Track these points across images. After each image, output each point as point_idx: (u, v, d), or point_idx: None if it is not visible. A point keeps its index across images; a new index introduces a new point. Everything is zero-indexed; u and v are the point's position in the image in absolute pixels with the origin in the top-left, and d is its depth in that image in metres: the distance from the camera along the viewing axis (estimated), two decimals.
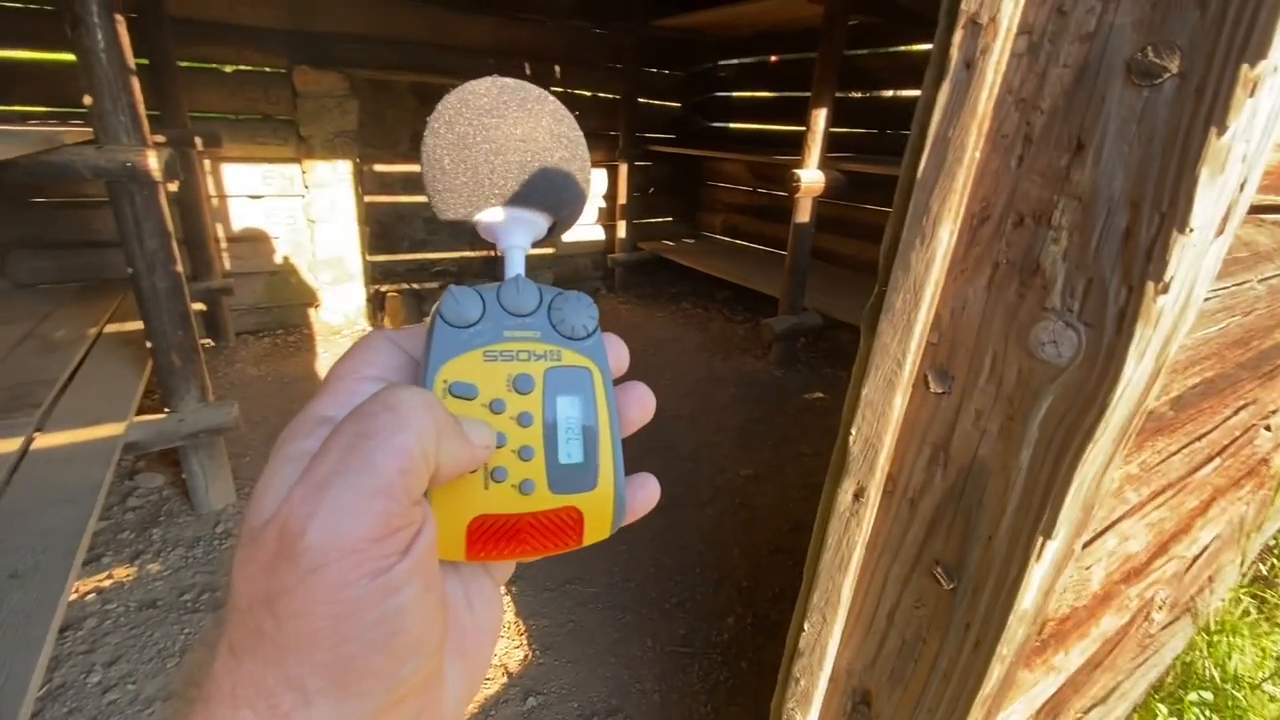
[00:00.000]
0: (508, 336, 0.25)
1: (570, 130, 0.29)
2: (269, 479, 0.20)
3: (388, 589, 0.19)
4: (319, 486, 0.19)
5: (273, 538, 0.19)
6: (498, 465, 0.23)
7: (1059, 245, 0.53)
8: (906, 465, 0.68)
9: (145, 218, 1.78)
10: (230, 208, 3.51)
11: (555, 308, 0.26)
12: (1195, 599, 1.55)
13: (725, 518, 2.36)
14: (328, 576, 0.18)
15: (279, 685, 0.18)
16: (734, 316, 4.50)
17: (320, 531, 0.18)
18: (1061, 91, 0.52)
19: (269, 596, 0.18)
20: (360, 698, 0.19)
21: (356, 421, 0.20)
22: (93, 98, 1.67)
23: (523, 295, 0.25)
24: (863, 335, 0.69)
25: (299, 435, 0.21)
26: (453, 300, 0.24)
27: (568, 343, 0.26)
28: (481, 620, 0.26)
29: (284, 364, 3.41)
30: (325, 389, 0.23)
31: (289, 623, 0.18)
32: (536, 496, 0.24)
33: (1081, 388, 0.53)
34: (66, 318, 2.58)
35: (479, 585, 0.26)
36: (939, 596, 0.68)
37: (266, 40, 3.36)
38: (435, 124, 0.27)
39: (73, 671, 1.57)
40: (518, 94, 0.28)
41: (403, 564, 0.19)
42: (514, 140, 0.27)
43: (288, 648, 0.18)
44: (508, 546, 0.24)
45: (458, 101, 0.27)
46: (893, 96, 3.91)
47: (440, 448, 0.20)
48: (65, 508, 1.48)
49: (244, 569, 0.19)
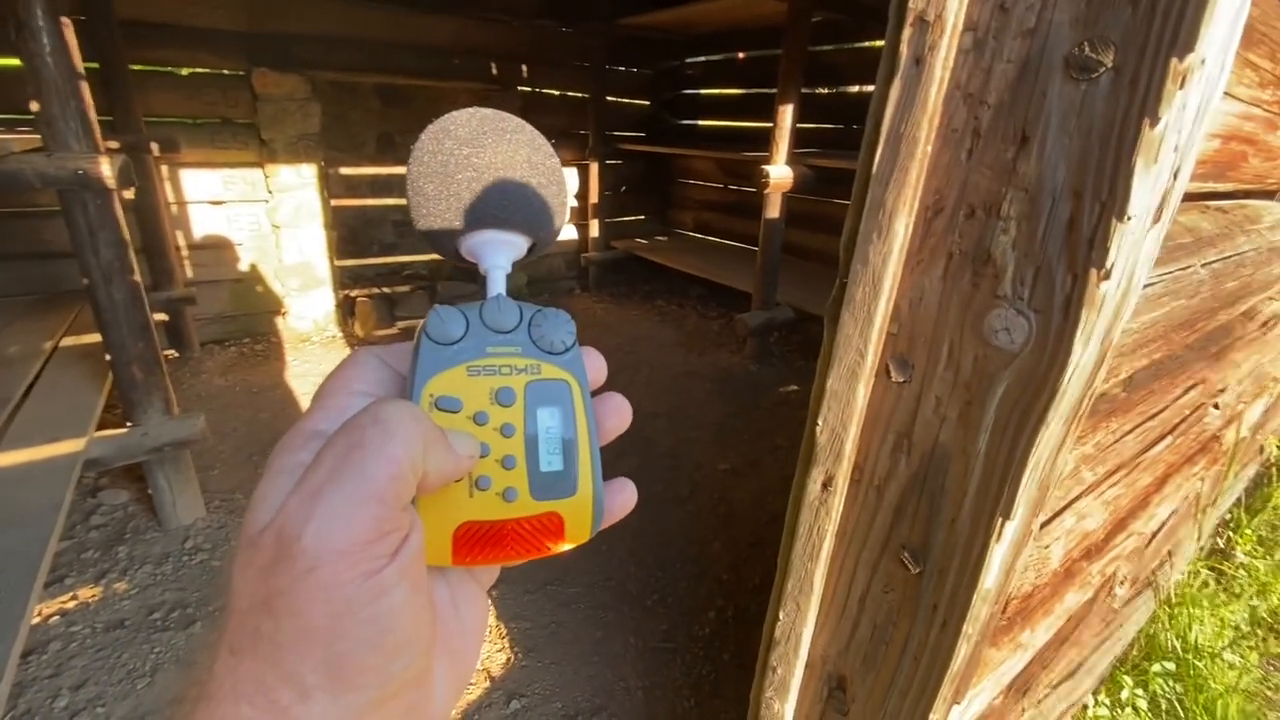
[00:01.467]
0: (490, 352, 0.26)
1: (546, 158, 0.30)
2: (265, 490, 0.21)
3: (379, 589, 0.20)
4: (313, 494, 0.20)
5: (270, 542, 0.20)
6: (482, 474, 0.25)
7: (1008, 235, 0.55)
8: (872, 453, 0.70)
9: (100, 227, 1.73)
10: (191, 214, 3.41)
11: (535, 324, 0.27)
12: (1155, 573, 1.60)
13: (704, 513, 2.38)
14: (322, 577, 0.19)
15: (278, 681, 0.19)
16: (708, 312, 4.53)
17: (315, 535, 0.19)
18: (1006, 86, 0.54)
19: (267, 597, 0.19)
20: (355, 692, 0.20)
21: (348, 433, 0.21)
22: (40, 104, 1.62)
23: (504, 313, 0.27)
24: (826, 328, 0.70)
25: (292, 449, 0.22)
26: (438, 319, 0.26)
27: (547, 357, 0.27)
28: (467, 622, 0.27)
29: (252, 373, 3.33)
30: (315, 405, 0.24)
31: (286, 621, 0.19)
32: (519, 503, 0.25)
33: (1033, 372, 0.55)
34: (20, 332, 2.49)
35: (465, 589, 0.27)
36: (907, 580, 0.69)
37: (223, 42, 3.28)
38: (418, 153, 0.29)
39: (38, 697, 1.52)
40: (496, 124, 0.29)
41: (392, 566, 0.20)
42: (493, 168, 0.29)
43: (286, 645, 0.19)
44: (492, 551, 0.25)
45: (439, 131, 0.29)
46: (858, 92, 3.97)
47: (427, 457, 0.22)
48: (24, 529, 1.43)
49: (243, 572, 0.20)
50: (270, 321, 3.79)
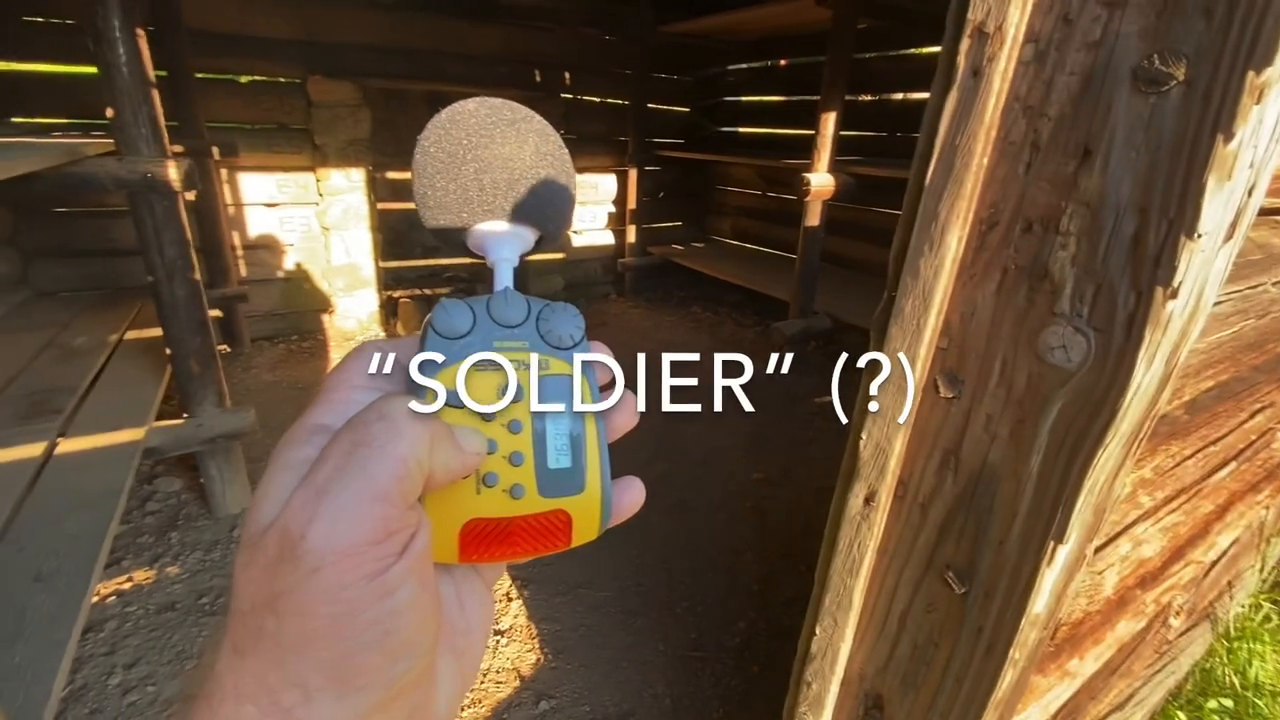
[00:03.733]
0: (497, 346, 0.26)
1: (555, 148, 0.30)
2: (267, 486, 0.21)
3: (384, 590, 0.20)
4: (318, 492, 0.19)
5: (274, 541, 0.19)
6: (489, 471, 0.24)
7: (1067, 251, 0.54)
8: (917, 470, 0.68)
9: (165, 227, 1.82)
10: (246, 216, 3.56)
11: (543, 318, 0.27)
12: (1214, 605, 1.53)
13: (736, 522, 2.36)
14: (327, 577, 0.19)
15: (281, 682, 0.19)
16: (744, 320, 4.50)
17: (320, 535, 0.19)
18: (1068, 99, 0.53)
19: (271, 597, 0.19)
20: (358, 694, 0.20)
21: (353, 430, 0.21)
22: (115, 110, 1.71)
23: (511, 307, 0.26)
24: (872, 340, 0.69)
25: (296, 443, 0.22)
26: (444, 312, 0.25)
27: (555, 352, 0.26)
28: (473, 619, 0.27)
29: (299, 370, 3.45)
30: (319, 399, 0.24)
31: (290, 622, 0.19)
32: (527, 500, 0.25)
33: (1091, 392, 0.53)
34: (87, 325, 2.63)
35: (470, 586, 0.27)
36: (950, 600, 0.68)
37: (281, 51, 3.42)
38: (425, 142, 0.28)
39: (94, 673, 1.60)
40: (504, 114, 0.29)
41: (399, 565, 0.20)
42: (501, 158, 0.28)
43: (289, 646, 0.19)
44: (499, 549, 0.25)
45: (447, 121, 0.28)
46: (902, 100, 3.90)
47: (434, 454, 0.21)
48: (87, 512, 1.51)
49: (245, 571, 0.20)
50: (317, 320, 3.92)
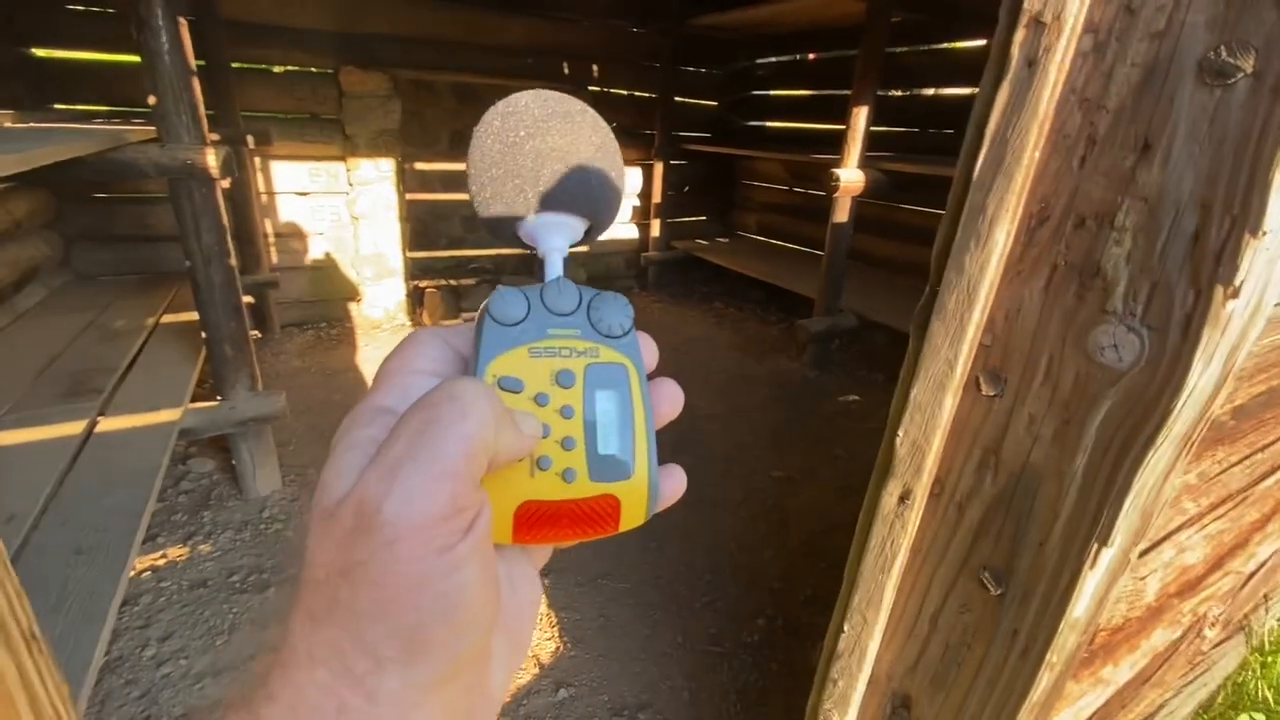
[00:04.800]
0: (550, 334, 0.26)
1: (608, 140, 0.30)
2: (337, 464, 0.22)
3: (452, 565, 0.20)
4: (391, 468, 0.20)
5: (350, 513, 0.20)
6: (543, 454, 0.25)
7: (1122, 247, 0.52)
8: (955, 468, 0.67)
9: (203, 213, 1.86)
10: (278, 204, 3.62)
11: (594, 308, 0.27)
12: (1249, 617, 1.49)
13: (757, 519, 2.35)
14: (401, 550, 0.19)
15: (354, 649, 0.20)
16: (767, 317, 4.47)
17: (395, 508, 0.19)
18: (1129, 91, 0.51)
19: (346, 567, 0.20)
20: (425, 666, 0.20)
21: (423, 410, 0.21)
22: (157, 98, 1.75)
23: (564, 295, 0.27)
24: (912, 336, 0.68)
25: (361, 424, 0.23)
26: (500, 300, 0.26)
27: (605, 340, 0.27)
28: (523, 601, 0.27)
29: (326, 356, 3.51)
30: (381, 382, 0.24)
31: (365, 590, 0.20)
32: (578, 484, 0.25)
33: (1143, 393, 0.52)
34: (126, 308, 2.70)
35: (520, 568, 0.28)
36: (986, 602, 0.67)
37: (314, 41, 3.46)
38: (481, 133, 0.29)
39: (129, 645, 1.65)
40: (560, 106, 0.29)
41: (465, 542, 0.20)
42: (556, 150, 0.29)
43: (363, 614, 0.20)
44: (551, 531, 0.25)
45: (503, 112, 0.29)
46: (934, 95, 3.83)
47: (497, 436, 0.22)
48: (126, 489, 1.56)
49: (321, 543, 0.21)
50: (345, 308, 3.98)
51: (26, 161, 1.21)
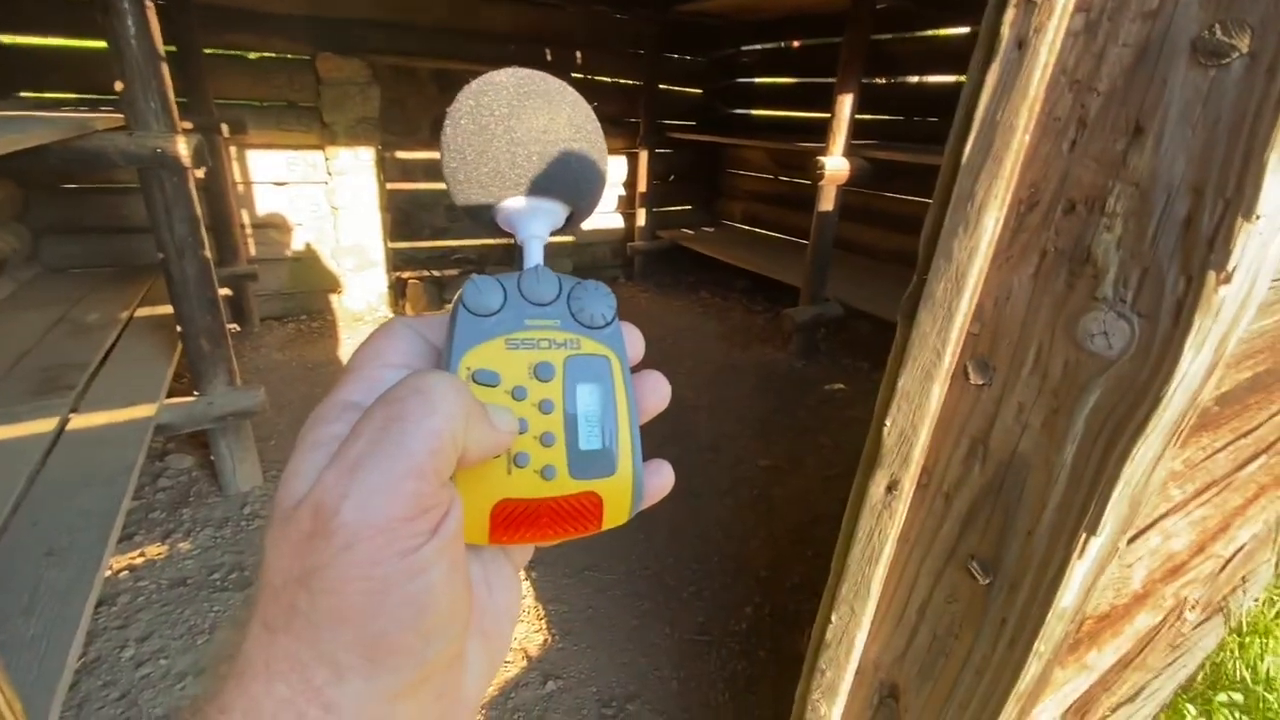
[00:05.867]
0: (529, 325, 0.25)
1: (588, 121, 0.29)
2: (298, 463, 0.21)
3: (417, 568, 0.19)
4: (351, 467, 0.19)
5: (307, 516, 0.19)
6: (520, 451, 0.24)
7: (1113, 233, 0.52)
8: (942, 458, 0.67)
9: (175, 203, 1.80)
10: (255, 194, 3.54)
11: (575, 297, 0.26)
12: (1228, 599, 1.51)
13: (744, 509, 2.36)
14: (360, 554, 0.18)
15: (313, 660, 0.19)
16: (753, 306, 4.47)
17: (354, 510, 0.18)
18: (1120, 72, 0.50)
19: (303, 574, 0.19)
20: (390, 674, 0.19)
21: (387, 405, 0.20)
22: (124, 84, 1.69)
23: (543, 284, 0.26)
24: (899, 325, 0.67)
25: (325, 420, 0.22)
26: (475, 289, 0.25)
27: (587, 331, 0.26)
28: (501, 602, 0.26)
29: (308, 349, 3.45)
30: (348, 375, 0.23)
31: (323, 599, 0.19)
32: (558, 482, 0.24)
33: (1133, 381, 0.51)
34: (98, 301, 2.63)
35: (498, 568, 0.27)
36: (973, 591, 0.66)
37: (290, 27, 3.37)
38: (455, 114, 0.27)
39: (107, 646, 1.62)
40: (538, 85, 0.28)
41: (431, 544, 0.19)
42: (534, 131, 0.27)
43: (321, 623, 0.19)
44: (530, 530, 0.24)
45: (478, 92, 0.27)
46: (918, 83, 3.82)
47: (467, 432, 0.21)
48: (100, 487, 1.52)
49: (277, 547, 0.20)
50: (326, 300, 3.91)
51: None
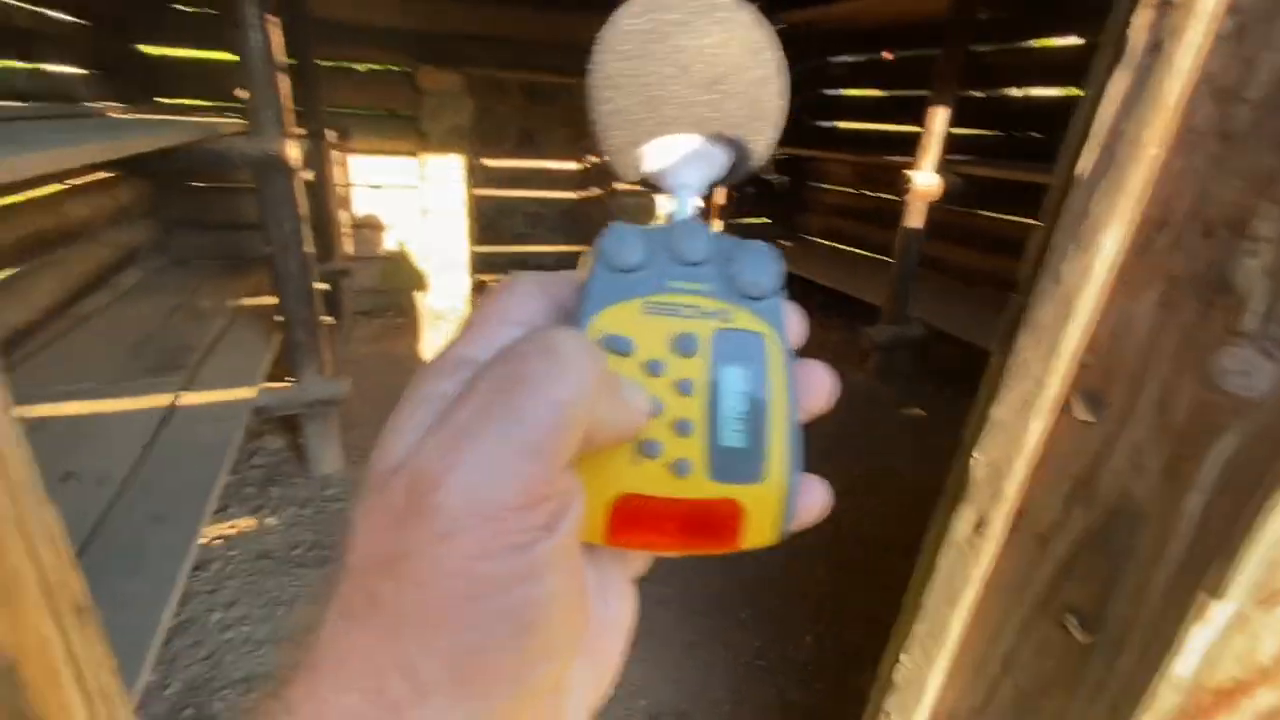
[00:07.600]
0: (672, 287, 0.21)
1: (764, 47, 0.23)
2: (401, 419, 0.18)
3: (526, 571, 0.16)
4: (458, 435, 0.16)
5: (401, 489, 0.16)
6: (650, 438, 0.20)
7: (1258, 259, 0.46)
8: (1039, 498, 0.61)
9: (284, 202, 1.95)
10: (355, 196, 3.78)
11: (731, 259, 0.22)
12: None
13: (810, 532, 2.22)
14: (459, 545, 0.15)
15: (390, 666, 0.16)
16: (829, 323, 4.34)
17: (456, 490, 0.15)
18: (1274, 80, 0.45)
19: (390, 559, 0.16)
20: (478, 699, 0.16)
21: (507, 362, 0.17)
22: (248, 92, 1.84)
23: (694, 240, 0.22)
24: (995, 350, 0.62)
25: (438, 375, 0.18)
26: (615, 238, 0.21)
27: (742, 301, 0.22)
28: (615, 616, 0.22)
29: (393, 345, 3.63)
30: (469, 330, 0.20)
31: (410, 592, 0.16)
32: (691, 481, 0.20)
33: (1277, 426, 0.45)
34: (211, 290, 2.87)
35: (614, 575, 0.22)
36: (1069, 648, 0.60)
37: (393, 40, 3.59)
38: (609, 34, 0.23)
39: (198, 608, 1.75)
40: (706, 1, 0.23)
41: (547, 542, 0.16)
42: (704, 55, 0.22)
43: (405, 622, 0.16)
44: (653, 535, 0.20)
45: (641, 9, 0.22)
46: (1021, 96, 3.61)
47: (598, 406, 0.17)
48: (203, 460, 1.64)
49: (367, 519, 0.17)
50: (412, 298, 4.12)
51: (115, 150, 1.29)
